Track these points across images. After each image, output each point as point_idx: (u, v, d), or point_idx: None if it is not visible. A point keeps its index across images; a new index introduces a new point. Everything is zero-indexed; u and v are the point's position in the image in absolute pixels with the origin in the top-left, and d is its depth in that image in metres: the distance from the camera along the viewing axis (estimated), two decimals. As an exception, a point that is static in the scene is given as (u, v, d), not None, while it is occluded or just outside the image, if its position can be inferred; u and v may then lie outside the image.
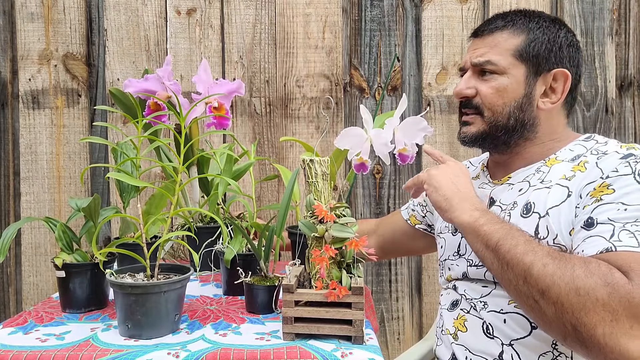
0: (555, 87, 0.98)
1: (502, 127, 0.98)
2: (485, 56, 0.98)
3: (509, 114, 0.97)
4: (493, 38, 1.00)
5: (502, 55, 0.98)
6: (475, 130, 1.01)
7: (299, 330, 0.82)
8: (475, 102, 1.00)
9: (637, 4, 1.74)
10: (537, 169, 0.97)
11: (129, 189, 1.13)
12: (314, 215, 0.84)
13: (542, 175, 0.95)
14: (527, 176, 0.98)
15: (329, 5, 1.71)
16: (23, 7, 1.69)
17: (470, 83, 1.01)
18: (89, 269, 0.97)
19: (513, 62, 0.97)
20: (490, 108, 0.98)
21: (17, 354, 0.77)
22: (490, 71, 0.98)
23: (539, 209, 0.90)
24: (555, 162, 0.96)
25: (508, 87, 0.97)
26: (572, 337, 0.74)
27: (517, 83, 0.97)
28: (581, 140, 0.98)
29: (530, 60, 0.97)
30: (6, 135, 1.71)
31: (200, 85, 1.19)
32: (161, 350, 0.78)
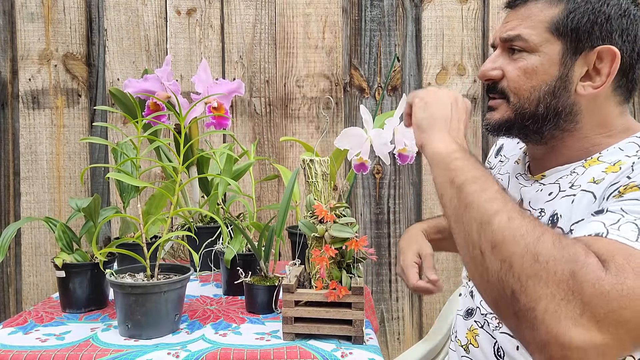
0: (600, 68, 0.80)
1: (530, 116, 0.83)
2: (516, 30, 0.83)
3: (537, 100, 0.82)
4: (526, 9, 0.84)
5: (535, 29, 0.82)
6: (499, 117, 0.87)
7: (299, 330, 0.82)
8: (502, 85, 0.86)
9: (637, 4, 1.74)
10: (573, 170, 0.83)
11: (129, 189, 1.13)
12: (314, 215, 0.84)
13: (575, 177, 0.81)
14: (561, 177, 0.84)
15: (329, 5, 1.71)
16: (23, 7, 1.69)
17: (497, 62, 0.86)
18: (89, 269, 0.97)
19: (547, 38, 0.81)
20: (517, 92, 0.84)
21: (17, 354, 0.77)
22: (520, 48, 0.83)
23: (563, 224, 0.77)
24: (595, 162, 0.80)
25: (539, 67, 0.82)
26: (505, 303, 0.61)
27: (550, 63, 0.81)
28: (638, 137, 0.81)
29: (568, 35, 0.80)
30: (6, 135, 1.70)
31: (199, 85, 1.19)
32: (161, 350, 0.78)
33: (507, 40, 0.84)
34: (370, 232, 1.73)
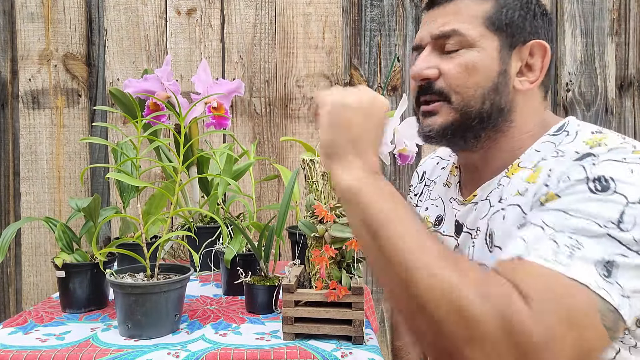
0: (532, 64, 0.80)
1: (476, 115, 0.78)
2: (450, 25, 0.78)
3: (483, 97, 0.78)
4: (455, 5, 0.80)
5: (471, 24, 0.78)
6: (443, 120, 0.80)
7: (299, 330, 0.82)
8: (439, 86, 0.79)
9: (637, 4, 1.74)
10: (499, 182, 0.80)
11: (129, 189, 1.13)
12: (314, 215, 0.84)
13: (502, 190, 0.78)
14: (490, 192, 0.81)
15: (329, 5, 1.71)
16: (23, 7, 1.69)
17: (430, 61, 0.80)
18: (89, 269, 0.97)
19: (483, 32, 0.78)
20: (459, 91, 0.78)
21: (17, 354, 0.77)
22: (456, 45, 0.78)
23: (499, 242, 0.75)
24: (516, 170, 0.78)
25: (479, 63, 0.77)
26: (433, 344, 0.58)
27: (490, 58, 0.77)
28: (551, 134, 0.79)
29: (503, 30, 0.78)
30: (6, 135, 1.70)
31: (199, 85, 1.19)
32: (161, 350, 0.78)
33: (441, 37, 0.79)
34: (370, 232, 1.73)
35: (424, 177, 1.05)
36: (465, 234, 0.84)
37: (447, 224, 0.90)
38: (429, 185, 1.01)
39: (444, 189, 0.94)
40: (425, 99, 0.82)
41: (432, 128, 0.81)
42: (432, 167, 1.03)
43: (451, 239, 0.89)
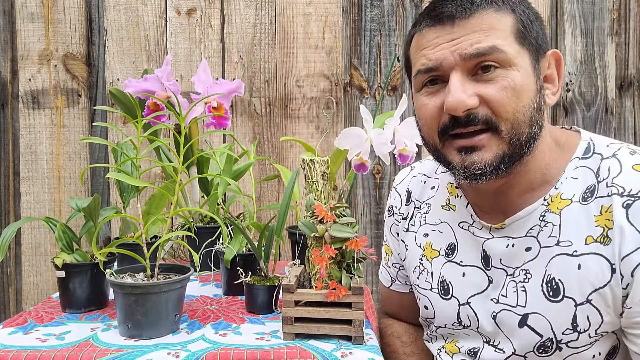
0: (550, 74, 0.75)
1: (526, 141, 0.70)
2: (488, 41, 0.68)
3: (531, 120, 0.70)
4: (480, 19, 0.69)
5: (506, 39, 0.69)
6: (493, 155, 0.71)
7: (299, 330, 0.82)
8: (483, 114, 0.70)
9: (637, 4, 1.74)
10: (542, 217, 0.74)
11: (129, 189, 1.13)
12: (314, 215, 0.84)
13: (553, 229, 0.73)
14: (531, 229, 0.75)
15: (329, 5, 1.71)
16: (23, 7, 1.69)
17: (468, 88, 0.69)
18: (89, 269, 0.97)
19: (518, 49, 0.70)
20: (508, 118, 0.69)
21: (17, 354, 0.77)
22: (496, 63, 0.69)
23: (573, 293, 0.71)
24: (561, 202, 0.73)
25: (523, 83, 0.69)
26: None
27: (528, 76, 0.70)
28: (581, 158, 0.74)
29: (532, 43, 0.72)
30: (6, 135, 1.70)
31: (199, 85, 1.19)
32: (161, 350, 0.78)
33: (478, 55, 0.69)
34: (370, 232, 1.73)
35: (411, 199, 0.97)
36: (500, 270, 0.78)
37: (465, 253, 0.84)
38: (420, 208, 0.95)
39: (448, 213, 0.88)
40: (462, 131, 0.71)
41: (482, 165, 0.71)
42: (419, 187, 0.97)
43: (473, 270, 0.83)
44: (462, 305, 0.84)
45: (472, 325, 0.83)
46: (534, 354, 0.77)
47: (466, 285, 0.84)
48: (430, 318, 0.91)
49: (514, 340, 0.79)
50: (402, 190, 1.01)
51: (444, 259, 0.88)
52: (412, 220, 0.97)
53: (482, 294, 0.83)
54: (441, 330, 0.90)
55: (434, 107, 0.74)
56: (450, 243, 0.88)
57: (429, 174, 0.97)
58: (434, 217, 0.92)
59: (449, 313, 0.86)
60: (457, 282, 0.86)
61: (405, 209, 0.98)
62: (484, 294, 0.83)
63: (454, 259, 0.87)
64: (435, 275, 0.89)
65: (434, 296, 0.89)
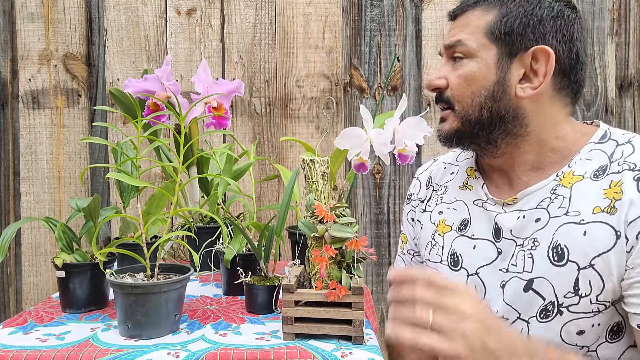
0: (537, 69, 0.81)
1: (476, 122, 0.84)
2: (457, 36, 0.85)
3: (480, 105, 0.83)
4: (466, 17, 0.86)
5: (474, 35, 0.83)
6: (448, 127, 0.88)
7: (299, 330, 0.82)
8: (447, 95, 0.87)
9: (637, 4, 1.74)
10: (553, 191, 0.81)
11: (129, 189, 1.13)
12: (314, 215, 0.84)
13: (563, 201, 0.79)
14: (542, 201, 0.82)
15: (329, 5, 1.71)
16: (23, 7, 1.69)
17: (442, 72, 0.87)
18: (89, 269, 0.97)
19: (484, 43, 0.82)
20: (460, 100, 0.85)
21: (17, 354, 0.77)
22: (461, 54, 0.84)
23: (576, 258, 0.75)
24: (573, 178, 0.80)
25: (477, 72, 0.83)
26: None
27: (487, 68, 0.82)
28: (597, 142, 0.82)
29: (502, 39, 0.82)
30: (6, 135, 1.70)
31: (199, 85, 1.19)
32: (161, 350, 0.78)
33: (450, 47, 0.86)
34: (370, 232, 1.73)
35: (431, 182, 1.05)
36: (509, 241, 0.84)
37: (477, 227, 0.90)
38: (438, 190, 1.02)
39: (464, 192, 0.95)
40: (439, 106, 0.90)
41: (441, 133, 0.89)
42: (440, 172, 1.05)
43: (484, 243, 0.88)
44: (471, 276, 0.88)
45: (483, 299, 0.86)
46: (536, 319, 0.80)
47: (476, 257, 0.89)
48: None
49: (518, 305, 0.82)
50: (424, 178, 1.08)
51: (456, 234, 0.93)
52: (429, 202, 1.03)
53: (490, 265, 0.87)
54: None
55: None
56: (464, 219, 0.93)
57: (451, 162, 1.05)
58: (450, 197, 0.98)
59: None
60: (467, 254, 0.90)
61: (424, 193, 1.06)
62: (492, 265, 0.86)
63: (466, 233, 0.92)
64: (446, 249, 0.94)
65: (443, 268, 0.93)
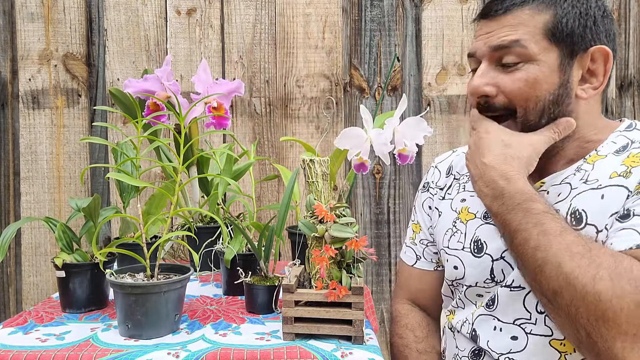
0: (595, 69, 0.80)
1: (534, 127, 0.82)
2: (510, 36, 0.79)
3: (542, 111, 0.80)
4: (513, 16, 0.80)
5: (533, 36, 0.78)
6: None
7: (299, 330, 0.82)
8: (500, 102, 0.82)
9: (637, 4, 1.74)
10: (578, 168, 0.82)
11: (129, 189, 1.13)
12: (314, 215, 0.84)
13: (584, 174, 0.80)
14: (566, 177, 0.83)
15: (329, 5, 1.71)
16: (23, 7, 1.69)
17: (487, 77, 0.81)
18: (89, 269, 0.97)
19: (545, 45, 0.78)
20: (522, 105, 0.81)
21: (17, 354, 0.77)
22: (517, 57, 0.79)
23: (594, 220, 0.75)
24: (597, 157, 0.81)
25: (540, 77, 0.79)
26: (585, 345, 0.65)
27: (550, 71, 0.79)
28: (622, 130, 0.84)
29: (564, 41, 0.78)
30: (6, 135, 1.70)
31: (199, 85, 1.19)
32: (161, 350, 0.78)
33: (501, 48, 0.80)
34: (370, 232, 1.73)
35: (451, 172, 1.04)
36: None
37: None
38: (460, 179, 1.01)
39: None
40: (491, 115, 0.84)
41: None
42: (461, 162, 1.04)
43: None
44: (496, 261, 0.87)
45: (505, 280, 0.85)
46: None
47: (501, 242, 0.86)
48: (459, 279, 0.93)
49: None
50: (443, 167, 1.07)
51: (481, 221, 0.92)
52: (449, 190, 1.02)
53: None
54: (471, 290, 0.91)
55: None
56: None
57: None
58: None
59: (481, 270, 0.88)
60: (492, 240, 0.88)
61: (444, 181, 1.04)
62: None
63: (490, 221, 0.90)
64: (469, 236, 0.92)
65: (465, 255, 0.92)
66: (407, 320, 1.07)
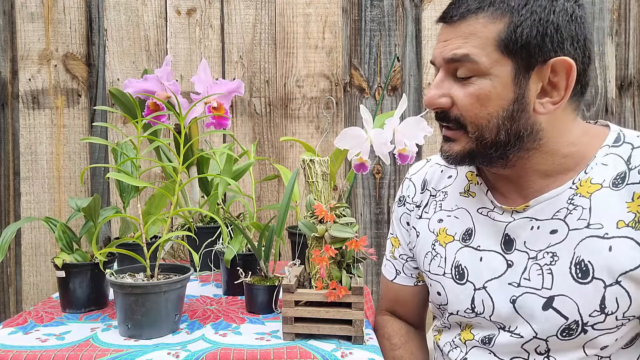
0: (556, 82, 0.74)
1: (492, 144, 0.76)
2: (462, 49, 0.74)
3: (497, 127, 0.75)
4: (467, 25, 0.74)
5: (484, 49, 0.73)
6: (460, 149, 0.79)
7: (299, 330, 0.82)
8: (454, 114, 0.78)
9: (637, 4, 1.74)
10: (570, 201, 0.76)
11: (129, 189, 1.13)
12: (314, 215, 0.84)
13: (583, 212, 0.75)
14: (558, 211, 0.77)
15: (329, 5, 1.71)
16: (23, 7, 1.69)
17: (443, 88, 0.78)
18: (89, 269, 0.97)
19: (497, 58, 0.73)
20: (473, 121, 0.76)
21: (17, 354, 0.77)
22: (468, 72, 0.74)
23: (601, 275, 0.72)
24: (591, 187, 0.75)
25: (492, 92, 0.73)
26: None
27: (503, 86, 0.73)
28: (611, 146, 0.77)
29: (519, 53, 0.72)
30: (6, 135, 1.70)
31: (199, 85, 1.19)
32: (161, 350, 0.78)
33: (453, 61, 0.75)
34: (370, 232, 1.73)
35: (426, 187, 0.99)
36: (523, 253, 0.79)
37: (483, 238, 0.85)
38: (436, 196, 0.96)
39: (466, 200, 0.90)
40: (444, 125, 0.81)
41: (449, 154, 0.81)
42: (435, 175, 0.99)
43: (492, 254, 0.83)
44: (478, 290, 0.83)
45: (485, 313, 0.82)
46: (556, 337, 0.76)
47: (483, 270, 0.84)
48: (444, 305, 0.90)
49: (535, 324, 0.78)
50: (418, 180, 1.02)
51: (460, 244, 0.88)
52: (426, 208, 0.97)
53: (499, 279, 0.82)
54: (454, 317, 0.89)
55: None
56: (468, 228, 0.88)
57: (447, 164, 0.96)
58: (451, 204, 0.92)
59: (462, 298, 0.85)
60: (473, 267, 0.85)
61: (420, 197, 1.00)
62: (501, 278, 0.82)
63: (470, 244, 0.86)
64: (449, 260, 0.89)
65: (447, 281, 0.88)
66: (385, 331, 1.05)
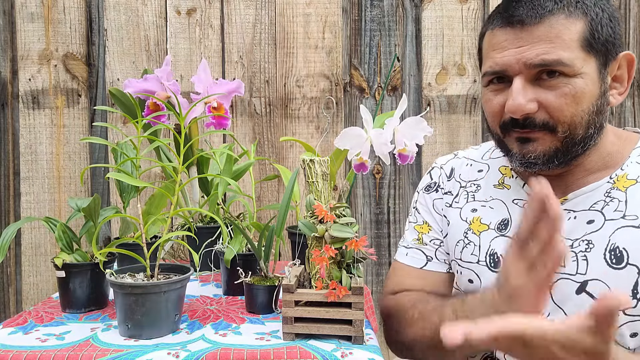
0: (620, 74, 0.78)
1: (580, 140, 0.77)
2: (551, 54, 0.73)
3: (588, 123, 0.76)
4: (549, 26, 0.73)
5: (572, 51, 0.73)
6: (545, 149, 0.77)
7: (299, 330, 0.82)
8: (541, 119, 0.76)
9: (637, 4, 1.74)
10: (607, 194, 0.78)
11: (129, 189, 1.13)
12: (314, 215, 0.84)
13: (619, 204, 0.77)
14: (595, 203, 0.79)
15: (329, 5, 1.71)
16: (23, 7, 1.69)
17: (528, 94, 0.75)
18: (89, 269, 0.97)
19: (584, 57, 0.74)
20: (566, 121, 0.75)
21: (17, 354, 0.77)
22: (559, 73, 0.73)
23: (636, 261, 0.73)
24: (627, 182, 0.78)
25: (585, 90, 0.74)
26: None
27: (592, 82, 0.75)
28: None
29: (600, 50, 0.74)
30: (6, 135, 1.70)
31: (199, 85, 1.19)
32: (161, 350, 0.78)
33: (542, 66, 0.74)
34: (370, 232, 1.73)
35: (454, 176, 0.99)
36: None
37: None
38: (466, 187, 0.96)
39: (501, 191, 0.90)
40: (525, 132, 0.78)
41: (536, 155, 0.78)
42: (464, 168, 0.99)
43: None
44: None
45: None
46: None
47: None
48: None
49: (567, 307, 0.78)
50: (447, 167, 1.02)
51: (495, 233, 0.88)
52: (456, 198, 0.97)
53: None
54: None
55: (497, 105, 0.80)
56: (504, 219, 0.88)
57: (476, 159, 0.99)
58: (485, 195, 0.92)
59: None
60: None
61: (449, 186, 0.99)
62: None
63: (506, 233, 0.86)
64: (483, 248, 0.88)
65: (481, 269, 0.88)
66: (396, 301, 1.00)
